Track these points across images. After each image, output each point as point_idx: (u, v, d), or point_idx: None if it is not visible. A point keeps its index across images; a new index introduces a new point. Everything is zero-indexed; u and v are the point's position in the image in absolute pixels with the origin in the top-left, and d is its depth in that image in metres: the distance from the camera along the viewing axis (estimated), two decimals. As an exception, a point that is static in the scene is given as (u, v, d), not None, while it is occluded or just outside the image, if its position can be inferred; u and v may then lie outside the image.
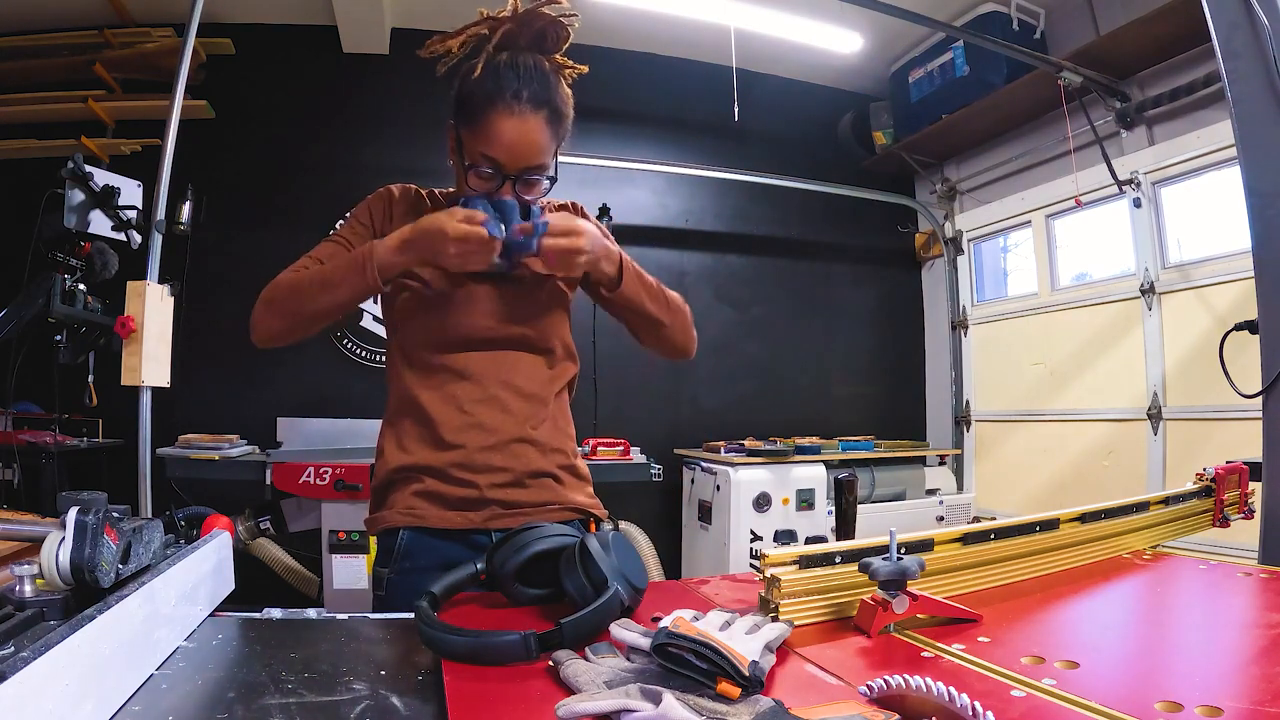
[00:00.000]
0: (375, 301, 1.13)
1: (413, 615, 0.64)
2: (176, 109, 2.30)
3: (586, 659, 0.55)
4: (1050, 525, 0.85)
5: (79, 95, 3.21)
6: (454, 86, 1.01)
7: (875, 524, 0.97)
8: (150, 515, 1.04)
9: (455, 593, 0.77)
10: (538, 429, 1.07)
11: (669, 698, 0.45)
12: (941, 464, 3.98)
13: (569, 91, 1.02)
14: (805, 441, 3.55)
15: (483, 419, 1.03)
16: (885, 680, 0.48)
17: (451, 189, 1.14)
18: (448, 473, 1.02)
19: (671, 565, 3.57)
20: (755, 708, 0.46)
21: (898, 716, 0.45)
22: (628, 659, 0.56)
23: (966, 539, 0.78)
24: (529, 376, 1.08)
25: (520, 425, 1.05)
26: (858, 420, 4.11)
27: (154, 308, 2.16)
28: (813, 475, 3.29)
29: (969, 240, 4.07)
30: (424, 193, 1.13)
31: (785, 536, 3.16)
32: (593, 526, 1.11)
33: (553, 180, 1.02)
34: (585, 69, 1.04)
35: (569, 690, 0.51)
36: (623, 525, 3.42)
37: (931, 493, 3.69)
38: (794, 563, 0.69)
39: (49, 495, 2.51)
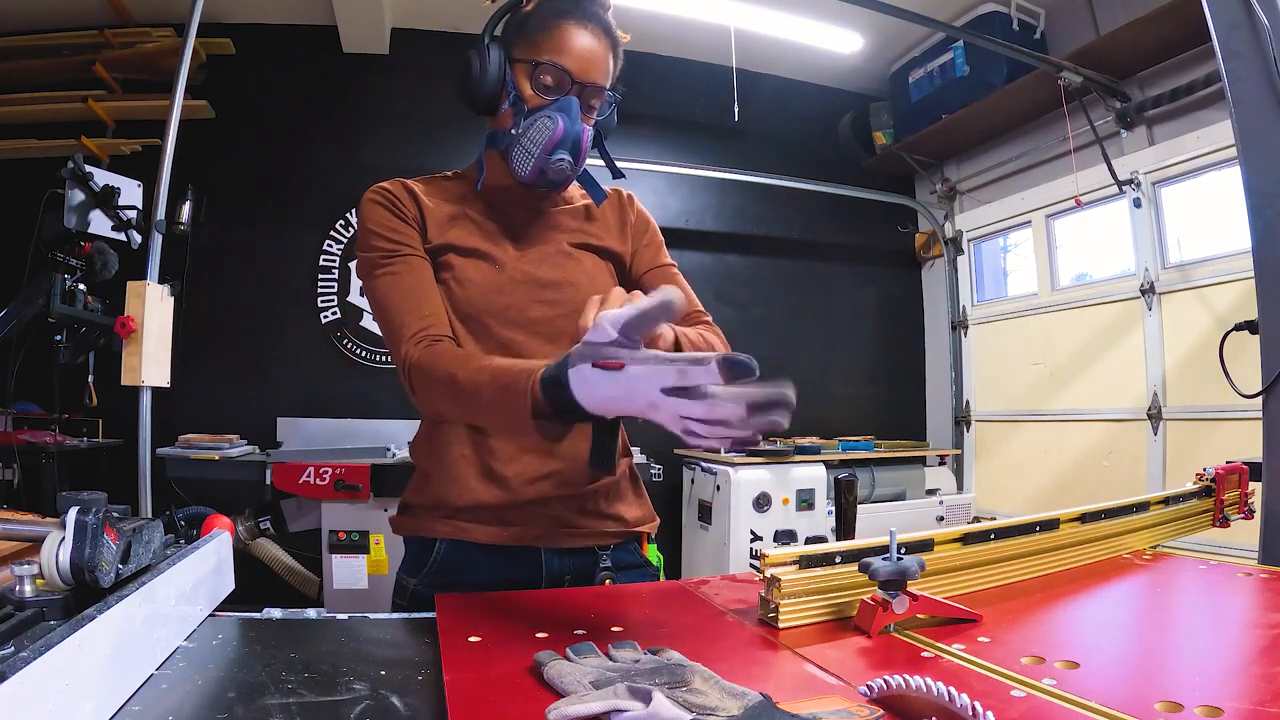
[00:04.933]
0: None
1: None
2: (176, 109, 2.30)
3: (568, 659, 0.55)
4: (1050, 525, 0.85)
5: (79, 95, 3.21)
6: (507, 25, 0.96)
7: (875, 524, 0.97)
8: (150, 515, 1.04)
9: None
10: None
11: (659, 696, 0.45)
12: (941, 464, 3.98)
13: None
14: (805, 441, 3.54)
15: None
16: (885, 680, 0.48)
17: (453, 171, 1.05)
18: (500, 500, 0.93)
19: (672, 565, 3.57)
20: (744, 702, 0.46)
21: (881, 711, 0.45)
22: (610, 658, 0.55)
23: (966, 539, 0.78)
24: None
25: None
26: (858, 420, 4.10)
27: (154, 308, 2.16)
28: (813, 475, 3.29)
29: (969, 240, 4.07)
30: (408, 182, 0.99)
31: (785, 536, 3.16)
32: (644, 543, 1.05)
33: (615, 101, 0.97)
34: (628, 37, 1.00)
35: (554, 692, 0.51)
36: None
37: (931, 493, 3.69)
38: (794, 563, 0.69)
39: (49, 495, 2.51)
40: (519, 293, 0.95)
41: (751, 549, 3.11)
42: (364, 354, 3.50)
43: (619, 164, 1.05)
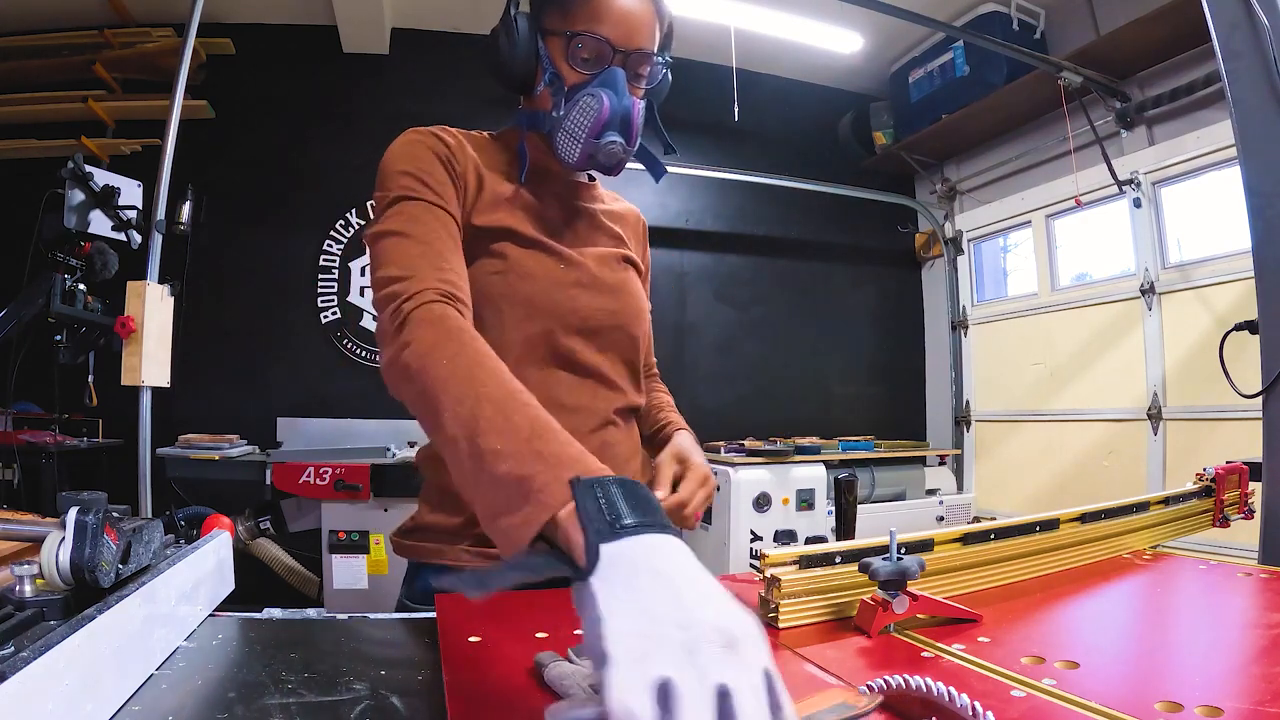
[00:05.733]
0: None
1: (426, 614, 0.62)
2: (176, 109, 2.30)
3: (569, 660, 0.55)
4: (1050, 525, 0.85)
5: (79, 95, 3.21)
6: None
7: (875, 524, 0.96)
8: (150, 515, 1.04)
9: None
10: (634, 461, 0.93)
11: None
12: (941, 464, 3.98)
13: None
14: (805, 441, 3.54)
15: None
16: (885, 680, 0.48)
17: (488, 133, 0.92)
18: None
19: (671, 565, 3.57)
20: None
21: (880, 697, 0.45)
22: None
23: (966, 539, 0.78)
24: (623, 401, 0.93)
25: (623, 463, 0.91)
26: (858, 420, 4.11)
27: (154, 308, 2.16)
28: (813, 475, 3.29)
29: (969, 240, 4.07)
30: (458, 134, 0.86)
31: (785, 536, 3.16)
32: None
33: (666, 66, 0.87)
34: None
35: (554, 694, 0.51)
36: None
37: (931, 493, 3.69)
38: (794, 563, 0.69)
39: (49, 495, 2.51)
40: (584, 297, 0.86)
41: (751, 549, 3.10)
42: (364, 354, 3.50)
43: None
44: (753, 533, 3.15)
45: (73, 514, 0.53)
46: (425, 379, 0.60)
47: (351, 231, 3.53)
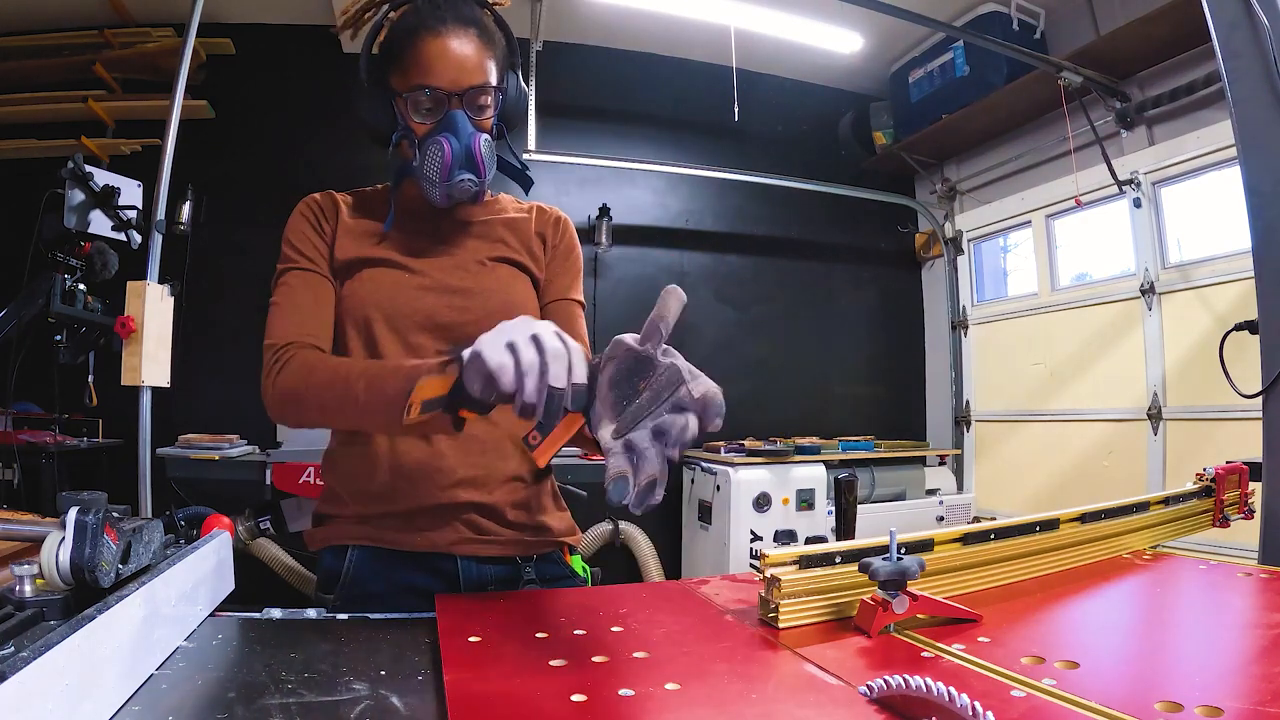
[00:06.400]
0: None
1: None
2: (176, 109, 2.30)
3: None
4: (1050, 525, 0.85)
5: (79, 95, 3.21)
6: (366, 52, 0.95)
7: (875, 524, 0.97)
8: (150, 515, 1.04)
9: None
10: (499, 459, 0.96)
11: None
12: (941, 464, 3.98)
13: (494, 22, 0.95)
14: (805, 441, 3.55)
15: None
16: (885, 680, 0.48)
17: (371, 186, 1.05)
18: (415, 505, 0.92)
19: (671, 565, 3.57)
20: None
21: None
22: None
23: (966, 539, 0.78)
24: None
25: (487, 452, 0.95)
26: (858, 420, 4.11)
27: (154, 308, 2.16)
28: (813, 475, 3.29)
29: (969, 240, 4.07)
30: (337, 196, 1.03)
31: (785, 536, 3.16)
32: (566, 555, 1.04)
33: (502, 93, 0.93)
34: (508, 1, 0.98)
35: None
36: (622, 525, 3.42)
37: (931, 493, 3.69)
38: (794, 563, 0.69)
39: (49, 495, 2.51)
40: (428, 298, 0.95)
41: (751, 549, 3.11)
42: (364, 354, 3.49)
43: (618, 164, 1.03)
44: (753, 533, 3.16)
45: (73, 514, 0.53)
46: (307, 390, 0.85)
47: (351, 231, 3.52)
